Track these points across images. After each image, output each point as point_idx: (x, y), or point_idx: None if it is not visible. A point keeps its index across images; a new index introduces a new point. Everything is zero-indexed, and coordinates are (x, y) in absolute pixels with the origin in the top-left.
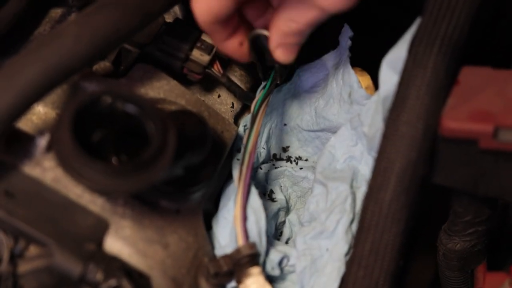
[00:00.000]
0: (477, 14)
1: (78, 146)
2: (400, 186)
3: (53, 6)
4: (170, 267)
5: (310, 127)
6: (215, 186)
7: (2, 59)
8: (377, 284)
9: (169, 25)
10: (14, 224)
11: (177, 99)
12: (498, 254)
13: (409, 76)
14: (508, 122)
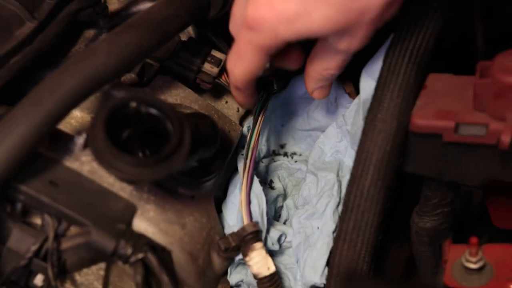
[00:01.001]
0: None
1: (110, 142)
2: (377, 174)
3: (87, 28)
4: (187, 243)
5: (303, 127)
6: (224, 176)
7: (45, 72)
8: (360, 255)
9: (184, 43)
10: (58, 208)
11: (191, 105)
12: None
13: (384, 82)
14: (466, 119)
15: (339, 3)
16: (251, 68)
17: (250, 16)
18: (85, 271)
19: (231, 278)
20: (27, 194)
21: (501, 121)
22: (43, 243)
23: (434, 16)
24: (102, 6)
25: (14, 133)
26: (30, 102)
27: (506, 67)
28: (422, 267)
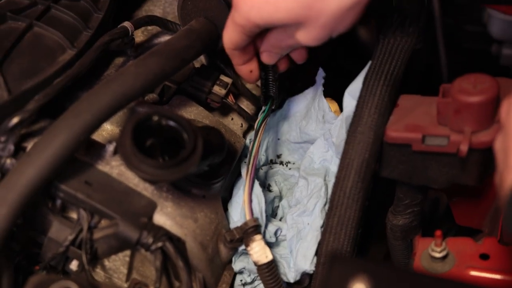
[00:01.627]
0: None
1: (136, 149)
2: (357, 177)
3: (117, 56)
4: (199, 235)
5: (296, 140)
6: (229, 180)
7: (82, 92)
8: (343, 245)
9: (197, 69)
10: (91, 204)
11: (203, 120)
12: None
13: (363, 101)
14: (431, 132)
15: (302, 1)
16: (231, 39)
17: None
18: (113, 258)
19: (235, 265)
20: (65, 191)
21: (460, 133)
22: (79, 234)
23: (404, 47)
24: (130, 38)
25: (56, 140)
26: (71, 115)
27: (463, 88)
28: (396, 258)
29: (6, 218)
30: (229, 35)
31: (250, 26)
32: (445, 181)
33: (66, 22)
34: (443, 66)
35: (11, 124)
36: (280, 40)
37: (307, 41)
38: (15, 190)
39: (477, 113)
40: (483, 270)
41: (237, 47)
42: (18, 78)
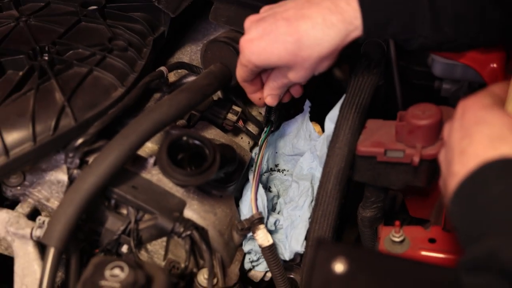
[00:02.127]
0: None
1: (170, 161)
2: (336, 181)
3: (155, 92)
4: (217, 225)
5: (289, 153)
6: (240, 184)
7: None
8: (325, 232)
9: (215, 101)
10: (137, 203)
11: (220, 139)
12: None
13: (340, 124)
14: (391, 147)
15: (290, 49)
16: (240, 75)
17: (240, 44)
18: (153, 243)
19: (245, 247)
20: (118, 194)
21: (413, 148)
22: (128, 225)
23: (370, 83)
24: (165, 79)
25: (111, 156)
26: (121, 137)
27: (415, 114)
28: (364, 242)
29: (73, 215)
30: (238, 72)
31: (252, 66)
32: (401, 184)
33: (118, 67)
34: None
35: (76, 144)
36: (277, 80)
37: (296, 80)
38: (79, 193)
39: (425, 133)
40: (431, 251)
41: (246, 80)
42: (82, 110)
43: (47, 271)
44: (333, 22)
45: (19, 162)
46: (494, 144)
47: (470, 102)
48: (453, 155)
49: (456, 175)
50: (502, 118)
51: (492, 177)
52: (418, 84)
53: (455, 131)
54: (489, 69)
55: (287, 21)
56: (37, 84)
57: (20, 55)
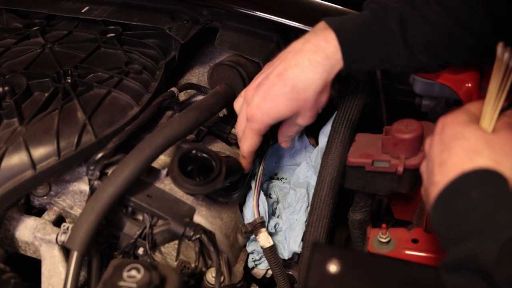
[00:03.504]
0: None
1: (180, 172)
2: (329, 188)
3: (167, 110)
4: (224, 229)
5: (287, 164)
6: (243, 191)
7: (145, 134)
8: (320, 234)
9: (221, 117)
10: (152, 210)
11: (225, 152)
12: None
13: (332, 138)
14: (378, 158)
15: (291, 97)
16: (251, 144)
17: (249, 113)
18: (166, 245)
19: (248, 248)
20: (134, 202)
21: (397, 159)
22: (143, 230)
23: (359, 102)
24: (176, 98)
25: (128, 168)
26: (137, 151)
27: (399, 129)
28: (355, 242)
29: (94, 221)
30: (249, 142)
31: (265, 127)
32: (387, 190)
33: (133, 88)
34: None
35: (97, 158)
36: (290, 130)
37: (306, 123)
38: (100, 202)
39: (408, 145)
40: (414, 250)
41: (254, 149)
42: (102, 127)
43: (71, 272)
44: (318, 61)
45: (45, 175)
46: (470, 157)
47: (449, 119)
48: (434, 167)
49: (437, 184)
50: (477, 133)
51: (469, 186)
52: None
53: (435, 145)
54: (464, 88)
55: (279, 76)
56: (61, 104)
57: (45, 78)
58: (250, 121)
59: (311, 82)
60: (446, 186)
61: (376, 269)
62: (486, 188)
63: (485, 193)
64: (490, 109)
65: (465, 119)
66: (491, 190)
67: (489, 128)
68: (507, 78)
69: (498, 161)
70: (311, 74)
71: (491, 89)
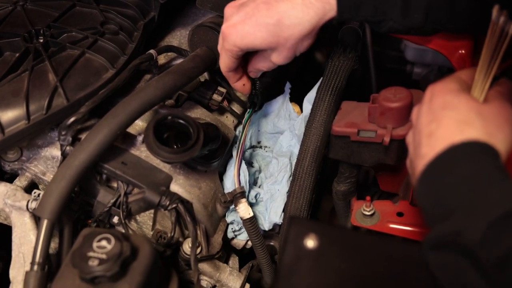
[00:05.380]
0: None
1: (156, 140)
2: (311, 158)
3: (146, 74)
4: (202, 198)
5: (271, 131)
6: (224, 160)
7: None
8: (301, 206)
9: (202, 82)
10: (126, 178)
11: (205, 118)
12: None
13: (316, 106)
14: (364, 127)
15: (272, 31)
16: (225, 63)
17: (223, 31)
18: (142, 214)
19: (227, 218)
20: (108, 169)
21: (384, 129)
22: (118, 198)
23: (345, 68)
24: (154, 61)
25: (101, 134)
26: (110, 116)
27: (386, 97)
28: (339, 214)
29: (65, 189)
30: (223, 60)
31: (237, 50)
32: (373, 162)
33: (109, 50)
34: (373, 80)
35: (68, 122)
36: (260, 63)
37: (279, 62)
38: (71, 169)
39: (396, 114)
40: (399, 223)
41: (230, 69)
42: (74, 90)
43: (41, 241)
44: (311, 2)
45: (14, 139)
46: (460, 128)
47: (438, 87)
48: (421, 138)
49: (424, 157)
50: (468, 103)
51: (458, 159)
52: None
53: (423, 115)
54: (458, 55)
55: (267, 4)
56: (31, 65)
57: (16, 38)
58: (223, 39)
59: (299, 22)
60: (433, 158)
61: (355, 245)
62: (476, 161)
63: (475, 167)
64: (483, 78)
65: (456, 87)
66: (481, 163)
67: (481, 98)
68: (501, 44)
69: (490, 133)
70: (301, 14)
71: (484, 55)
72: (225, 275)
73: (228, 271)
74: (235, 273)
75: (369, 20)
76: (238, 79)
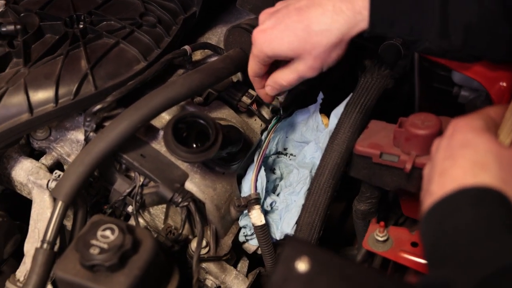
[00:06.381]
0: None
1: (173, 138)
2: (329, 175)
3: (179, 68)
4: (215, 199)
5: (298, 140)
6: (246, 162)
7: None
8: (314, 221)
9: (234, 83)
10: (142, 170)
11: (232, 120)
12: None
13: (342, 121)
14: (387, 151)
15: (300, 35)
16: (252, 68)
17: (253, 35)
18: (155, 208)
19: (240, 222)
20: (126, 159)
21: (407, 155)
22: (133, 189)
23: (378, 86)
24: (188, 57)
25: (122, 125)
26: (134, 108)
27: (414, 123)
28: (358, 233)
29: (82, 174)
30: (250, 65)
31: (263, 56)
32: (394, 186)
33: (143, 42)
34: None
35: (94, 110)
36: (282, 75)
37: (305, 71)
38: (90, 155)
39: (421, 142)
40: (411, 254)
41: (256, 75)
42: (103, 78)
43: (53, 221)
44: (342, 9)
45: (41, 120)
46: (474, 171)
47: (462, 123)
48: (434, 174)
49: (432, 194)
50: (488, 144)
51: (464, 204)
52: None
53: (441, 150)
54: (498, 87)
55: (299, 10)
56: (67, 50)
57: (58, 21)
58: (253, 44)
59: (327, 28)
60: (440, 199)
61: (348, 277)
62: (483, 209)
63: (480, 215)
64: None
65: (480, 125)
66: (488, 212)
67: (507, 140)
68: None
69: (505, 180)
70: (330, 20)
71: None
72: (230, 277)
73: (234, 275)
74: (241, 277)
75: (403, 37)
76: (263, 86)
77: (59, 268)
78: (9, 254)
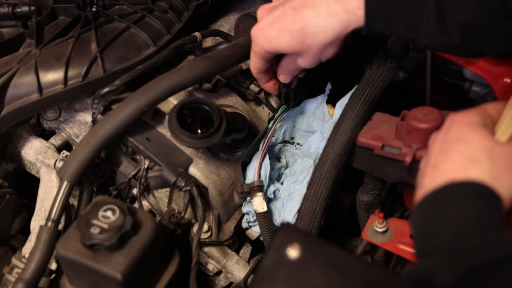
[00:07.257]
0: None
1: (177, 123)
2: (331, 166)
3: (189, 54)
4: (219, 185)
5: (305, 129)
6: (251, 150)
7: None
8: (315, 210)
9: (243, 70)
10: (148, 154)
11: (239, 107)
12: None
13: (345, 112)
14: (389, 143)
15: (297, 36)
16: (254, 65)
17: (252, 33)
18: (159, 191)
19: (243, 209)
20: (132, 142)
21: (408, 148)
22: (138, 171)
23: (383, 78)
24: (198, 43)
25: (128, 108)
26: (141, 92)
27: (416, 116)
28: (361, 224)
29: (87, 155)
30: (253, 62)
31: (264, 53)
32: (396, 178)
33: (154, 27)
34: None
35: (102, 92)
36: (288, 65)
37: (304, 66)
38: (96, 137)
39: (422, 135)
40: (409, 246)
41: (260, 71)
42: (112, 62)
43: (58, 200)
44: (336, 11)
45: (50, 101)
46: (465, 166)
47: (458, 118)
48: (427, 167)
49: (424, 187)
50: (482, 140)
51: (453, 198)
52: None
53: (437, 144)
54: (501, 83)
55: (294, 10)
56: (78, 33)
57: (71, 4)
58: (253, 42)
59: (322, 30)
60: (430, 192)
61: (338, 264)
62: (470, 204)
63: (467, 210)
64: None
65: (476, 121)
66: (475, 207)
67: (503, 137)
68: None
69: (495, 176)
70: (324, 23)
71: None
72: (231, 262)
73: (235, 260)
74: (242, 263)
75: (402, 36)
76: (268, 81)
77: (60, 246)
78: (16, 231)
